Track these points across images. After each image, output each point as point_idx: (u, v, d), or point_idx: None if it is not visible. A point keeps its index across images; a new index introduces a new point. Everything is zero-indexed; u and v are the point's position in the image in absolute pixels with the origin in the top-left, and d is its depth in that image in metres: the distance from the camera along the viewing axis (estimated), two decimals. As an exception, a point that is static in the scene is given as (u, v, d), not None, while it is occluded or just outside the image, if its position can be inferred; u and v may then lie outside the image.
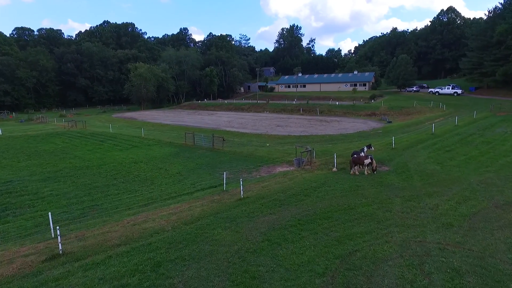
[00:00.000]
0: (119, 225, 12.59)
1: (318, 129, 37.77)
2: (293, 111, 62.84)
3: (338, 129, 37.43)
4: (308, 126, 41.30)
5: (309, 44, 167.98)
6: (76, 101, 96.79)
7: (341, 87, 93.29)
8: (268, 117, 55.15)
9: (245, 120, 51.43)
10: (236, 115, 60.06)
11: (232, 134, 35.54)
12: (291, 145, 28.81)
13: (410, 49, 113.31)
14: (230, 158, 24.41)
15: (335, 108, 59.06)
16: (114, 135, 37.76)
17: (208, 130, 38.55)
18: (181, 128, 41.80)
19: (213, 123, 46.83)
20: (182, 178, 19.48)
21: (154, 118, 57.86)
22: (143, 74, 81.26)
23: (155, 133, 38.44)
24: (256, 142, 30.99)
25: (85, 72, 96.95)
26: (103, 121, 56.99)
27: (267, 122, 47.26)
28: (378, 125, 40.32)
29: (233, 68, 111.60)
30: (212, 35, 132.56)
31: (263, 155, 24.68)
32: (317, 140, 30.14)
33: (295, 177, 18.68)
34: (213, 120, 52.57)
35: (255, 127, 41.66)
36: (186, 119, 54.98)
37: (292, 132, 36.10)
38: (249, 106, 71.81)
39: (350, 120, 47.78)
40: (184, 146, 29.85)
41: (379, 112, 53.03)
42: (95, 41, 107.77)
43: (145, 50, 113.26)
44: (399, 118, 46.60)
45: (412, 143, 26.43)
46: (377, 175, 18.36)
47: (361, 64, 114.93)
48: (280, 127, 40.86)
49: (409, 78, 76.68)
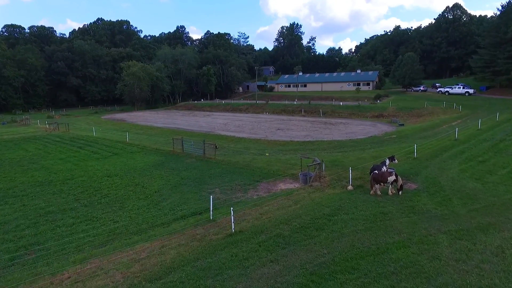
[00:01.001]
0: (53, 283, 8.77)
1: (323, 133, 33.99)
2: (294, 112, 59.04)
3: (345, 133, 33.63)
4: (312, 129, 37.51)
5: (310, 42, 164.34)
6: (67, 102, 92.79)
7: (343, 87, 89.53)
8: (268, 119, 51.35)
9: (243, 122, 47.64)
10: (233, 117, 56.28)
11: (227, 140, 31.75)
12: (294, 153, 25.02)
13: (415, 47, 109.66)
14: (222, 170, 20.60)
15: (339, 109, 55.28)
16: (96, 140, 33.93)
17: (201, 134, 34.77)
18: (172, 132, 37.97)
19: (207, 126, 43.02)
20: (160, 199, 15.66)
21: (145, 120, 54.02)
22: (136, 73, 77.34)
23: (142, 138, 34.62)
24: (254, 149, 27.20)
25: (76, 71, 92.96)
26: (91, 123, 53.14)
27: (267, 124, 43.48)
28: (389, 128, 36.54)
29: (231, 67, 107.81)
30: (209, 33, 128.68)
31: (262, 167, 20.87)
32: (323, 147, 26.34)
33: (302, 198, 14.88)
34: (208, 122, 48.77)
35: (253, 130, 37.86)
36: (179, 121, 51.15)
37: (295, 137, 32.29)
38: (247, 107, 68.00)
39: (357, 122, 44.00)
40: (172, 154, 26.04)
41: (387, 113, 49.26)
42: (88, 39, 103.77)
43: (140, 49, 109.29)
44: (411, 120, 42.82)
45: (436, 151, 22.64)
46: (405, 196, 14.59)
47: (363, 63, 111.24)
48: (280, 130, 37.06)
49: (416, 77, 72.95)
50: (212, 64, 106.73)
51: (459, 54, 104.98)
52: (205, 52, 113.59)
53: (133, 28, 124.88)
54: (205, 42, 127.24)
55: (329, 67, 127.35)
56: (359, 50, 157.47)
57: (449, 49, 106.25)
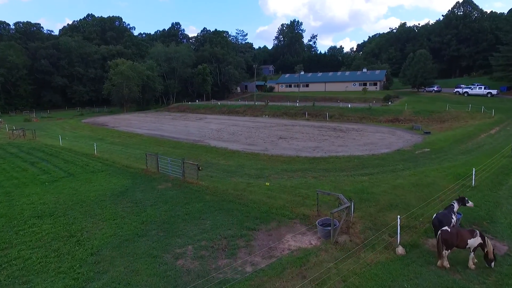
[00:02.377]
0: None
1: (336, 144, 27.94)
2: (297, 115, 53.01)
3: (363, 144, 27.57)
4: (320, 138, 31.44)
5: (311, 41, 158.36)
6: (52, 103, 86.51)
7: (348, 87, 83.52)
8: (268, 124, 45.31)
9: (239, 128, 41.59)
10: (228, 121, 50.22)
11: (217, 153, 25.63)
12: (303, 175, 18.97)
13: (422, 45, 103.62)
14: (204, 206, 14.58)
15: (347, 112, 49.26)
16: (59, 151, 27.84)
17: (187, 145, 28.69)
18: (153, 141, 31.86)
19: (197, 133, 36.89)
20: (93, 273, 9.57)
21: (129, 125, 47.87)
22: (124, 72, 71.18)
23: (115, 149, 28.51)
24: (250, 167, 21.14)
25: (62, 70, 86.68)
26: (67, 128, 46.97)
27: (266, 131, 37.40)
28: (413, 137, 30.47)
29: (229, 66, 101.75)
30: (206, 30, 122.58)
31: (260, 200, 14.86)
32: (341, 167, 20.28)
33: (326, 274, 8.87)
34: (199, 127, 42.67)
35: (251, 139, 31.78)
36: (167, 126, 45.05)
37: (301, 149, 26.21)
38: (245, 109, 61.96)
39: (372, 128, 37.96)
40: (143, 175, 19.99)
41: (403, 117, 43.28)
42: (77, 35, 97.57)
43: (132, 46, 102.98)
44: (434, 126, 36.82)
45: (498, 176, 16.67)
46: (502, 274, 8.62)
47: (369, 61, 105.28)
48: (283, 140, 30.99)
49: (428, 77, 67.03)
50: (208, 63, 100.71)
51: (470, 52, 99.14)
52: (201, 50, 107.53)
53: (126, 25, 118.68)
54: (201, 40, 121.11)
55: (332, 66, 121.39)
56: (361, 48, 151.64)
57: (459, 47, 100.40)
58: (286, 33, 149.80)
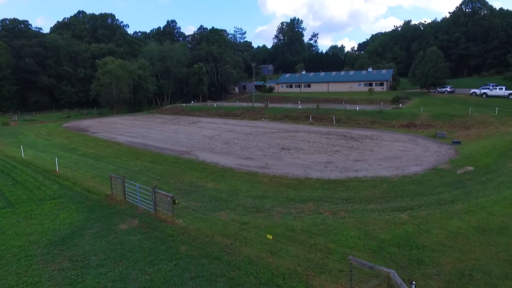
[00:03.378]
0: None
1: (351, 158, 23.05)
2: (300, 118, 48.18)
3: (384, 157, 22.64)
4: (331, 149, 26.55)
5: (311, 39, 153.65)
6: (38, 104, 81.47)
7: (353, 87, 78.77)
8: (267, 129, 40.47)
9: (235, 134, 36.72)
10: (224, 125, 45.36)
11: (205, 172, 20.65)
12: (317, 207, 14.10)
13: (429, 44, 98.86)
14: (176, 268, 9.74)
15: (356, 115, 44.46)
16: (14, 166, 22.93)
17: (170, 159, 23.77)
18: (132, 153, 26.88)
19: (186, 142, 31.93)
20: None
21: (112, 130, 42.88)
22: (113, 71, 66.23)
23: (84, 164, 23.59)
24: (245, 194, 16.27)
25: (49, 69, 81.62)
26: (42, 133, 41.93)
27: (266, 139, 32.48)
28: (441, 148, 25.62)
29: (226, 65, 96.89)
30: (203, 28, 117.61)
31: (259, 259, 10.02)
32: (366, 196, 15.34)
33: None
34: (190, 134, 37.73)
35: (248, 150, 26.86)
36: (154, 131, 40.09)
37: (310, 166, 21.24)
38: (242, 111, 57.07)
39: (388, 136, 33.09)
40: (105, 206, 15.15)
41: (420, 122, 38.51)
42: (66, 33, 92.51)
43: (124, 44, 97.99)
44: (459, 133, 32.01)
45: None
46: None
47: (373, 61, 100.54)
48: (286, 151, 26.11)
49: (441, 76, 62.31)
50: (205, 62, 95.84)
51: (479, 50, 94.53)
52: (197, 48, 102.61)
53: (119, 23, 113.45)
54: (197, 38, 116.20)
55: (334, 65, 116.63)
56: (363, 48, 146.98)
57: (468, 45, 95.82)
58: (286, 31, 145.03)
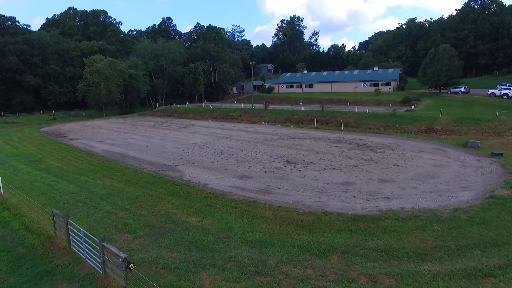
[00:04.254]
0: None
1: (374, 177, 18.41)
2: (303, 122, 43.67)
3: (416, 176, 17.94)
4: (347, 163, 21.86)
5: (312, 38, 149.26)
6: (23, 105, 76.65)
7: (358, 87, 74.32)
8: (268, 135, 35.93)
9: (231, 141, 32.15)
10: (219, 130, 40.79)
11: (188, 198, 15.68)
12: (344, 267, 9.45)
13: (436, 41, 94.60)
14: None
15: (366, 118, 39.99)
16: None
17: (148, 178, 19.14)
18: (105, 167, 22.17)
19: (173, 151, 27.30)
20: None
21: (93, 136, 38.19)
22: (101, 70, 61.58)
23: (41, 182, 18.98)
24: (239, 239, 11.61)
25: (35, 68, 76.84)
26: (14, 139, 37.11)
27: (267, 149, 27.88)
28: (481, 161, 21.08)
29: (224, 64, 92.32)
30: (200, 25, 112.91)
31: None
32: (412, 244, 10.59)
33: None
34: (179, 141, 33.11)
35: (245, 165, 22.17)
36: (139, 138, 35.42)
37: (325, 189, 16.54)
38: (240, 114, 52.50)
39: (408, 144, 28.52)
40: (41, 256, 10.63)
41: (441, 127, 34.02)
42: (54, 30, 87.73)
43: (116, 42, 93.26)
44: (492, 141, 27.53)
45: None
46: None
47: (378, 59, 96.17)
48: (292, 165, 21.49)
49: (454, 75, 57.92)
50: (201, 61, 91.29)
51: (489, 49, 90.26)
52: (193, 46, 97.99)
53: (112, 20, 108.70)
54: (194, 36, 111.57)
55: (336, 65, 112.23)
56: (365, 47, 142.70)
57: (476, 43, 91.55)
58: (286, 30, 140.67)
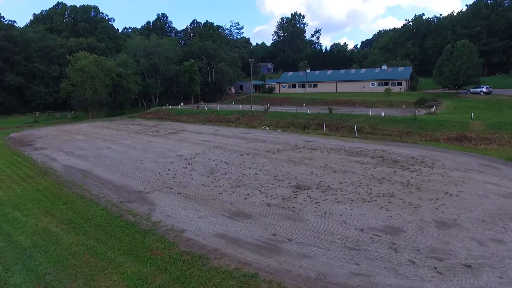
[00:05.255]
0: None
1: (426, 216, 12.90)
2: (310, 127, 38.27)
3: (491, 217, 12.44)
4: (378, 189, 16.33)
5: (314, 35, 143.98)
6: (4, 106, 71.29)
7: (365, 87, 69.00)
8: (270, 144, 30.47)
9: (225, 153, 26.65)
10: (213, 136, 35.33)
11: (149, 262, 9.96)
12: None
13: (446, 38, 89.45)
14: None
15: (382, 123, 34.62)
16: None
17: (99, 219, 13.58)
18: (50, 197, 16.58)
19: (151, 169, 21.74)
20: None
21: (63, 144, 32.61)
22: (85, 68, 56.16)
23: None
24: None
25: (18, 67, 71.62)
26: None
27: (270, 164, 22.33)
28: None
29: (221, 63, 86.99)
30: (196, 22, 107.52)
31: None
32: None
33: None
34: (163, 152, 27.59)
35: (241, 191, 16.61)
36: (117, 148, 29.91)
37: (360, 241, 10.62)
38: (238, 117, 47.11)
39: (445, 158, 23.02)
40: None
41: (475, 134, 28.66)
42: (39, 26, 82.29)
43: (107, 39, 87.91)
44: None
45: None
46: None
47: (385, 58, 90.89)
48: (305, 193, 16.10)
49: (473, 74, 52.68)
50: (198, 59, 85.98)
51: (503, 46, 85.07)
52: (189, 44, 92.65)
53: (104, 16, 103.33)
54: (190, 33, 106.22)
55: (339, 63, 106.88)
56: (369, 45, 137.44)
57: (490, 40, 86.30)
58: (287, 27, 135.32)
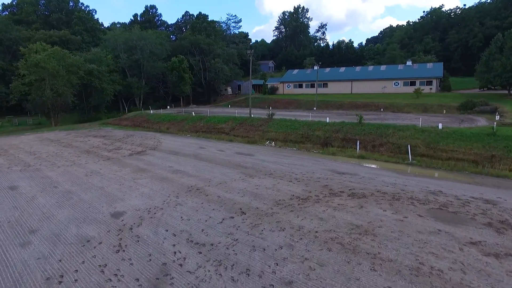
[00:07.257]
0: None
1: None
2: (333, 143, 27.11)
3: None
4: None
5: (319, 31, 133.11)
6: (-45, 110, 60.04)
7: (387, 87, 57.96)
8: (281, 181, 18.95)
9: (204, 206, 15.06)
10: (194, 160, 23.84)
11: None
12: None
13: (473, 31, 78.62)
14: None
15: (442, 140, 23.55)
16: None
17: None
18: None
19: (33, 269, 10.87)
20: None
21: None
22: (42, 63, 44.92)
23: None
24: None
25: (-28, 63, 60.37)
26: None
27: (290, 255, 11.26)
28: None
29: (216, 59, 75.83)
30: (188, 14, 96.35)
31: None
32: None
33: None
34: (92, 204, 16.14)
35: None
36: (22, 190, 18.62)
37: None
38: (233, 126, 35.98)
39: None
40: None
41: None
42: (6, 16, 71.01)
43: (83, 32, 76.59)
44: None
45: None
46: None
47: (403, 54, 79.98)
48: None
49: (531, 72, 41.67)
50: (190, 55, 74.80)
51: (540, 40, 73.88)
52: (179, 38, 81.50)
53: (84, 7, 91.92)
54: (182, 27, 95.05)
55: (348, 61, 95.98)
56: (375, 42, 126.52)
57: (524, 34, 75.15)
58: (289, 22, 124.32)
